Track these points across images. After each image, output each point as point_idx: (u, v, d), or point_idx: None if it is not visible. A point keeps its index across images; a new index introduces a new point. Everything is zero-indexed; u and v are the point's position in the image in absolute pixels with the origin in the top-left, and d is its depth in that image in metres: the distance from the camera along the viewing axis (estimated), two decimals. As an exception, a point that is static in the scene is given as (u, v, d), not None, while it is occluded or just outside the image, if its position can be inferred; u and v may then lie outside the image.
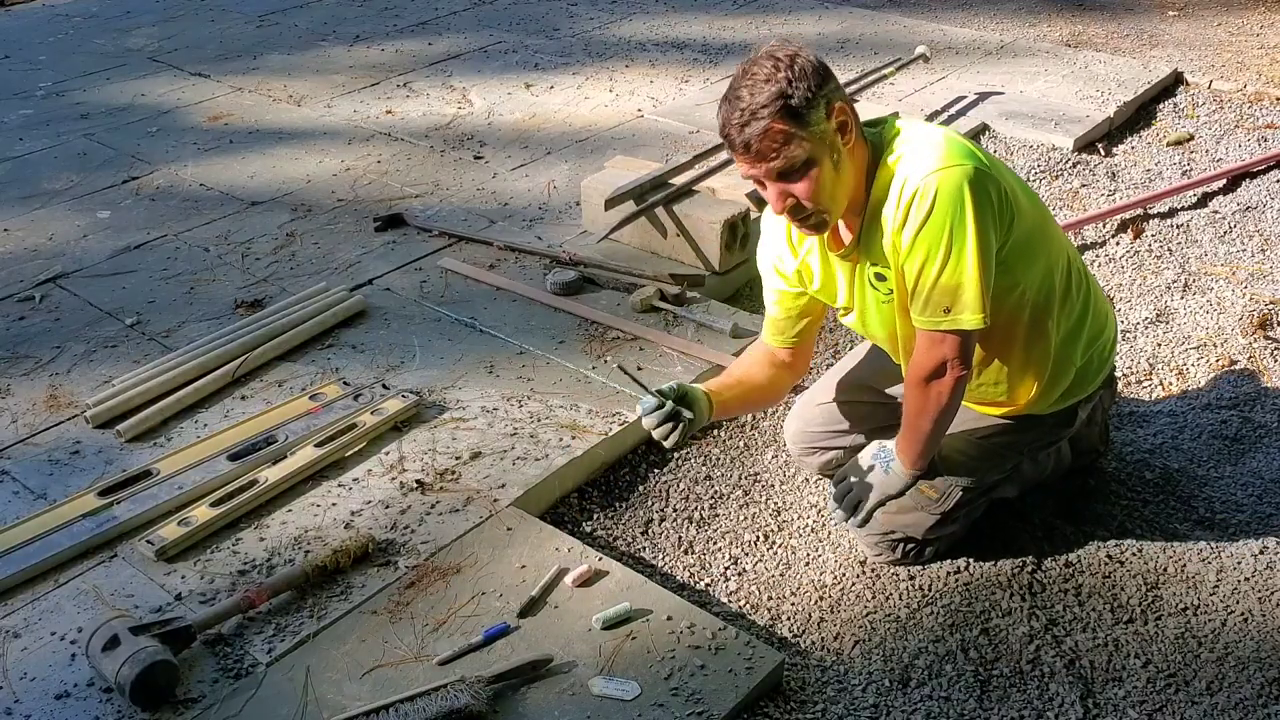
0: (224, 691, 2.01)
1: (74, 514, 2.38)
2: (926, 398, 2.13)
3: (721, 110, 1.98)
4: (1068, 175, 4.09)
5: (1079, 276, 2.24)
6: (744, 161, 1.99)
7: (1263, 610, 2.30)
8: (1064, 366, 2.24)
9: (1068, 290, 2.20)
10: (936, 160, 1.96)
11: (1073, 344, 2.24)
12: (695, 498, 2.62)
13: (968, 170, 1.94)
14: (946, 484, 2.28)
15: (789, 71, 1.91)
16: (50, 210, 3.81)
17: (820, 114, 1.94)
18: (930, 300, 2.01)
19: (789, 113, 1.92)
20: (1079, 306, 2.24)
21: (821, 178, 1.98)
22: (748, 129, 1.93)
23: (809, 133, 1.94)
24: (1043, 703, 2.09)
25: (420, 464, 2.58)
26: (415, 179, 4.01)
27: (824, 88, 1.94)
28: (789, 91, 1.91)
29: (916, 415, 2.17)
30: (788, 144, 1.94)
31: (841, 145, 1.98)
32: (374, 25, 5.66)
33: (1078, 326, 2.24)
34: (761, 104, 1.91)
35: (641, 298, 3.11)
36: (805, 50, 1.96)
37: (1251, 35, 5.54)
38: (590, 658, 2.06)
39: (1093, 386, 2.32)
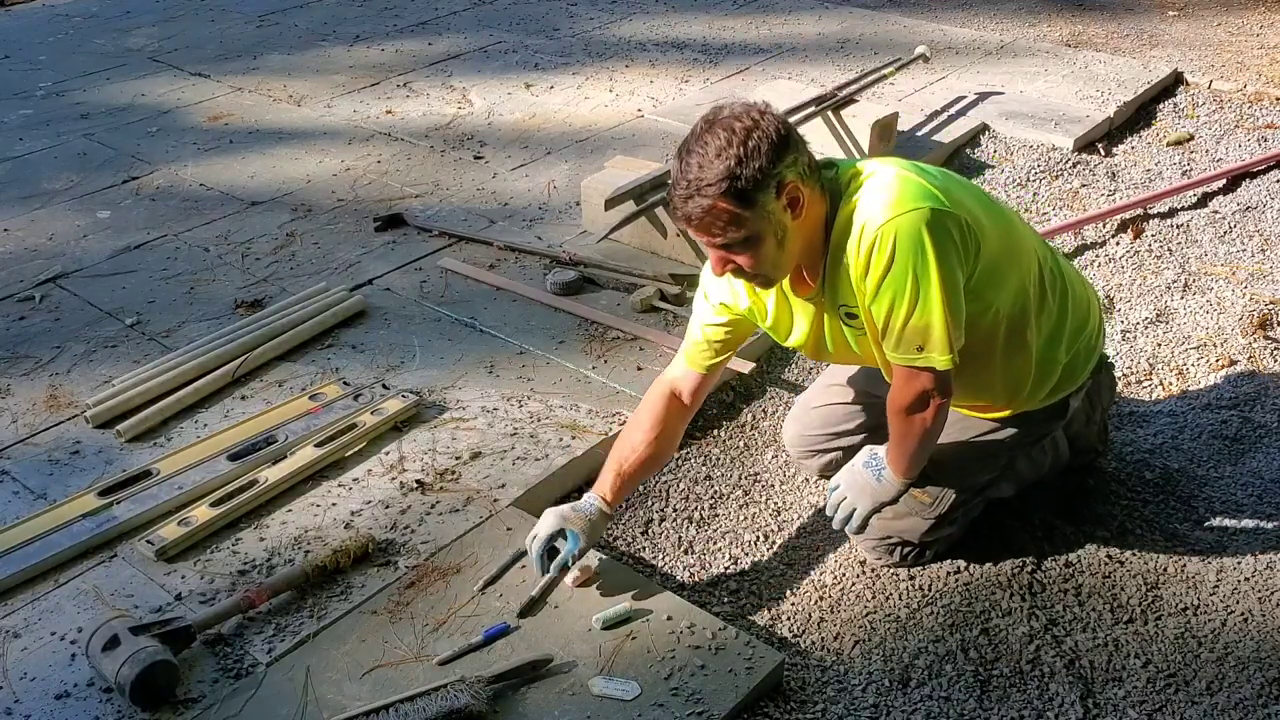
0: (224, 691, 2.01)
1: (74, 514, 2.38)
2: (910, 425, 2.12)
3: (673, 166, 1.92)
4: (1068, 175, 4.09)
5: (1052, 277, 2.21)
6: (684, 227, 1.96)
7: (1263, 610, 2.30)
8: (1050, 366, 2.23)
9: (1043, 296, 2.17)
10: (892, 206, 1.91)
11: (1055, 343, 2.22)
12: (695, 498, 2.62)
13: (924, 214, 1.90)
14: (939, 489, 2.29)
15: (741, 149, 1.83)
16: (50, 210, 3.81)
17: (769, 194, 1.87)
18: (902, 340, 2.00)
19: (734, 194, 1.85)
20: (1056, 306, 2.21)
21: (763, 252, 1.94)
22: (691, 203, 1.88)
23: (754, 213, 1.88)
24: (1043, 703, 2.09)
25: (420, 464, 2.58)
26: (415, 179, 4.01)
27: (777, 165, 1.86)
28: (737, 172, 1.83)
29: (902, 438, 2.17)
30: (730, 224, 1.89)
31: (789, 221, 1.92)
32: (374, 25, 5.66)
33: (1058, 326, 2.22)
34: (707, 181, 1.84)
35: (641, 298, 3.11)
36: (767, 119, 1.88)
37: (1251, 35, 5.54)
38: (590, 658, 2.06)
39: (1083, 376, 2.30)
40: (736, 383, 2.97)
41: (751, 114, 1.87)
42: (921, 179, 1.97)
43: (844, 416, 2.52)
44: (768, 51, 5.20)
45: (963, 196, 2.02)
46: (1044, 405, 2.28)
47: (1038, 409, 2.28)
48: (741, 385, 2.98)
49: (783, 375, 3.03)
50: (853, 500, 2.29)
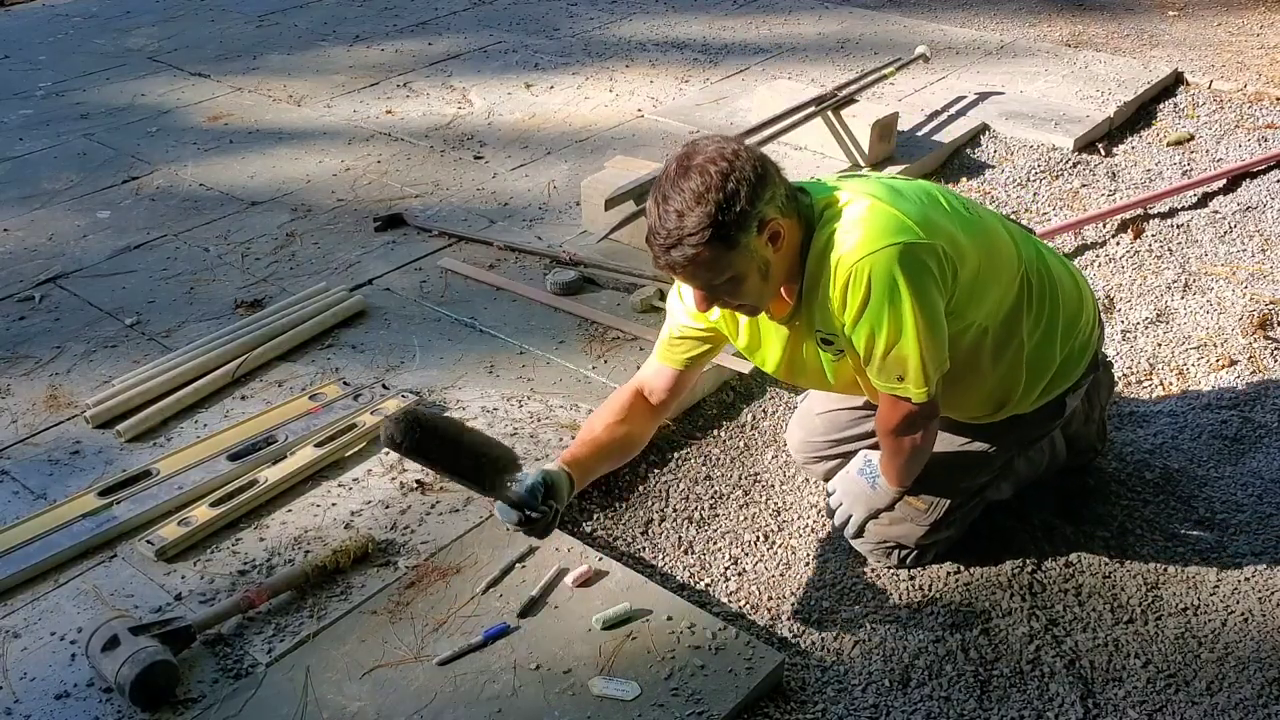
0: (224, 691, 2.01)
1: (74, 514, 2.38)
2: (899, 445, 2.14)
3: (649, 208, 1.88)
4: (1068, 175, 4.09)
5: (1040, 279, 2.18)
6: (667, 274, 1.94)
7: (1263, 610, 2.30)
8: (1042, 367, 2.21)
9: (1028, 302, 2.15)
10: (865, 243, 1.89)
11: (1047, 346, 2.20)
12: (695, 498, 2.62)
13: (897, 250, 1.88)
14: (934, 496, 2.29)
15: (721, 193, 1.79)
16: (50, 210, 3.81)
17: (751, 233, 1.85)
18: (883, 369, 1.99)
19: (718, 240, 1.82)
20: (1046, 310, 2.19)
21: (747, 287, 1.93)
22: (674, 252, 1.84)
23: (736, 254, 1.86)
24: (1043, 703, 2.09)
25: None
26: (415, 179, 4.01)
27: (758, 202, 1.83)
28: (719, 218, 1.80)
29: (893, 455, 2.18)
30: (715, 268, 1.87)
31: (771, 255, 1.90)
32: (374, 25, 5.66)
33: (1049, 329, 2.20)
34: (689, 231, 1.81)
35: (641, 298, 3.11)
36: (742, 158, 1.83)
37: (1251, 35, 5.54)
38: (590, 658, 2.06)
39: (1078, 373, 2.28)
40: (737, 383, 2.97)
41: (725, 154, 1.83)
42: (896, 209, 1.94)
43: (849, 422, 2.51)
44: (768, 51, 5.20)
45: (939, 219, 1.98)
46: (1039, 405, 2.26)
47: (1032, 410, 2.26)
48: (741, 385, 2.98)
49: (783, 375, 3.03)
50: (848, 506, 2.31)
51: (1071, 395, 2.30)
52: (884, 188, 2.01)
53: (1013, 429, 2.28)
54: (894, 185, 2.04)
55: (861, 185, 2.02)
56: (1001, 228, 2.16)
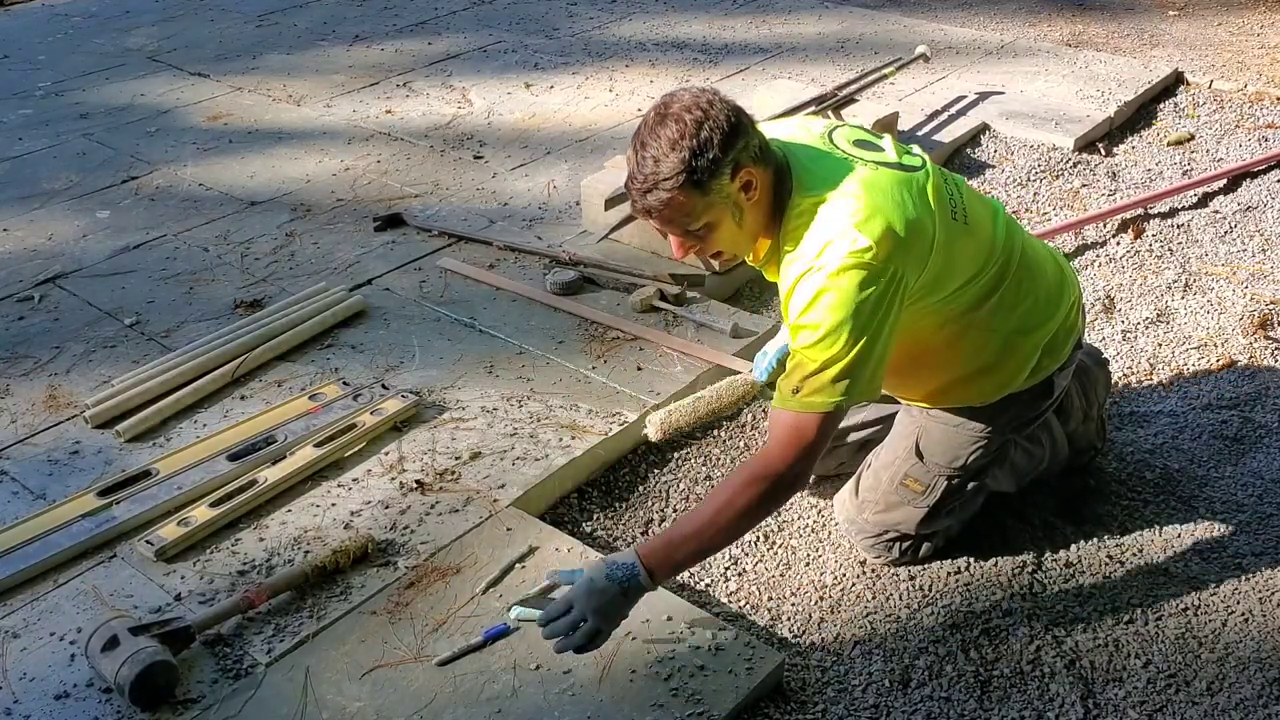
0: (223, 691, 2.01)
1: (73, 514, 2.38)
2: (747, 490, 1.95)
3: (629, 156, 1.94)
4: (1068, 175, 4.09)
5: (1021, 261, 2.17)
6: (644, 219, 1.98)
7: (1263, 610, 2.30)
8: (1029, 348, 2.20)
9: (995, 291, 2.13)
10: (830, 258, 1.89)
11: (1029, 326, 2.19)
12: (695, 498, 2.62)
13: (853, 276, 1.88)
14: (930, 476, 2.28)
15: (693, 140, 1.85)
16: (50, 210, 3.81)
17: (724, 180, 1.90)
18: (787, 377, 1.96)
19: (691, 184, 1.88)
20: (1025, 293, 2.18)
21: (721, 234, 1.98)
22: (649, 196, 1.91)
23: (710, 199, 1.91)
24: (1043, 703, 2.09)
25: (420, 464, 2.57)
26: (415, 179, 4.00)
27: (730, 151, 1.88)
28: (692, 165, 1.86)
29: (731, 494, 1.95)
30: (689, 213, 1.92)
31: (745, 202, 1.95)
32: (374, 25, 5.66)
33: (1030, 309, 2.19)
34: (664, 176, 1.87)
35: (641, 298, 3.11)
36: (717, 107, 1.89)
37: (1252, 35, 5.54)
38: (590, 658, 2.06)
39: (1064, 354, 2.27)
40: (736, 383, 2.97)
41: (700, 104, 1.89)
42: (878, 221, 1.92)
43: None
44: (768, 51, 5.20)
45: (922, 216, 1.97)
46: (1029, 386, 2.25)
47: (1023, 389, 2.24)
48: (741, 385, 2.97)
49: (783, 375, 3.03)
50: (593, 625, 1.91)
51: (1060, 375, 2.29)
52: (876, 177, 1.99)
53: (1005, 409, 2.26)
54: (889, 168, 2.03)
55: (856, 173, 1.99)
56: (980, 213, 2.15)
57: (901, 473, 2.30)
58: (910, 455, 2.29)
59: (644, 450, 2.75)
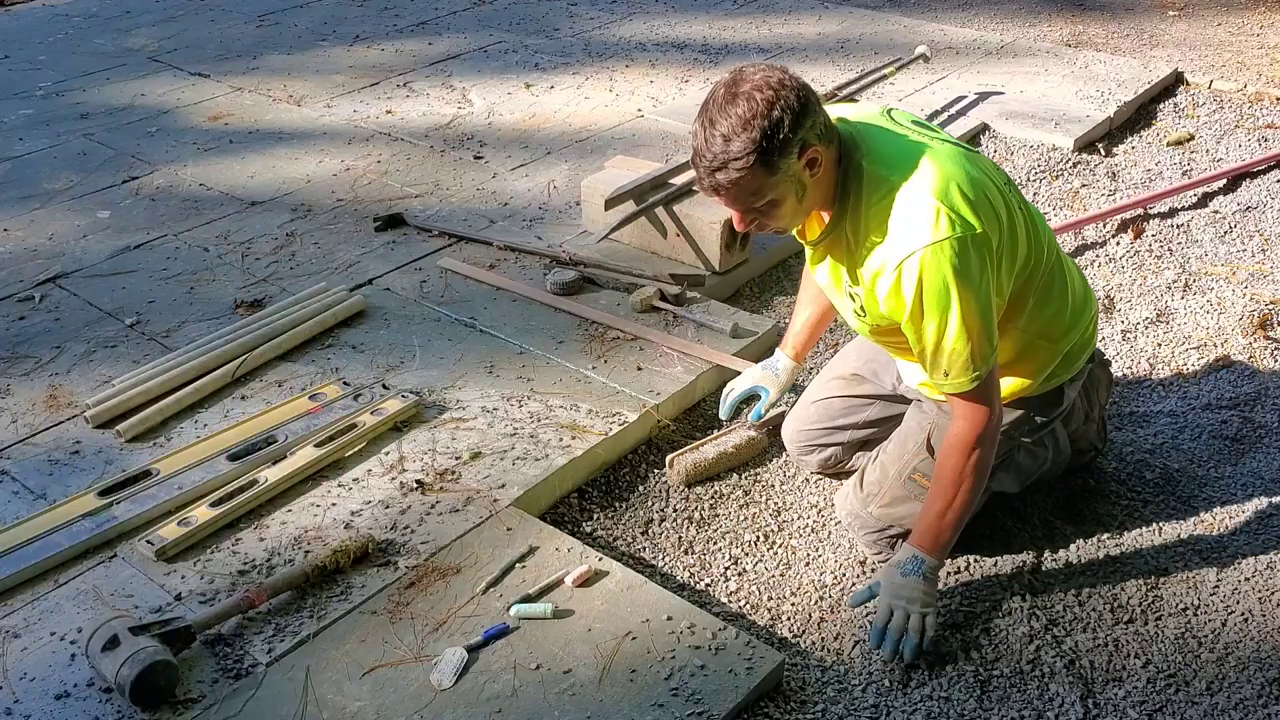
0: (224, 691, 2.01)
1: (74, 514, 2.38)
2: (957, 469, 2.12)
3: (696, 131, 1.94)
4: (1068, 175, 4.09)
5: (1055, 265, 2.23)
6: (710, 195, 2.00)
7: (1263, 610, 2.30)
8: (1049, 354, 2.24)
9: (1033, 286, 2.18)
10: (922, 233, 1.94)
11: (1055, 333, 2.23)
12: (695, 498, 2.62)
13: (953, 245, 1.93)
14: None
15: (766, 120, 1.86)
16: (50, 210, 3.81)
17: (792, 158, 1.91)
18: (935, 364, 2.04)
19: (761, 165, 1.89)
20: (1055, 298, 2.22)
21: (783, 210, 2.00)
22: (719, 175, 1.92)
23: (778, 178, 1.93)
24: (1043, 703, 2.09)
25: (420, 464, 2.57)
26: (415, 179, 4.01)
27: (800, 130, 1.89)
28: (764, 145, 1.87)
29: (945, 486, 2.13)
30: (756, 191, 1.94)
31: (809, 179, 1.97)
32: (374, 25, 5.66)
33: (1056, 315, 2.23)
34: (734, 155, 1.88)
35: (641, 298, 3.11)
36: (788, 85, 1.89)
37: (1251, 35, 5.54)
38: (590, 658, 2.06)
39: (1078, 365, 2.31)
40: (736, 383, 2.97)
41: (771, 82, 1.90)
42: (954, 190, 1.97)
43: (842, 410, 2.53)
44: (768, 51, 5.20)
45: (990, 186, 2.04)
46: (1041, 392, 2.28)
47: (1035, 395, 2.28)
48: (741, 385, 2.98)
49: (783, 375, 3.03)
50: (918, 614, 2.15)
51: (1070, 386, 2.33)
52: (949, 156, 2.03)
53: (1015, 413, 2.28)
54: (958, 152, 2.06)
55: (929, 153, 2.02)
56: (1033, 210, 2.21)
57: (911, 467, 2.30)
58: (921, 450, 2.29)
59: (644, 450, 2.75)
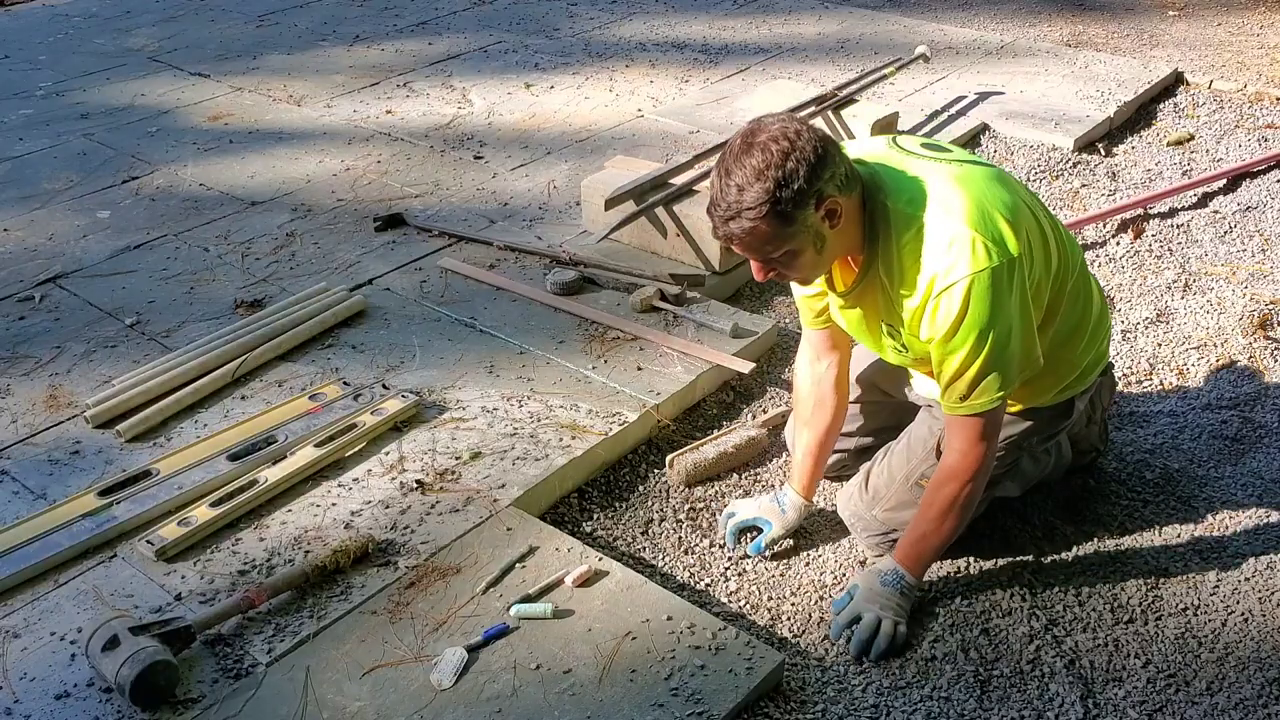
0: (224, 691, 2.01)
1: (74, 514, 2.38)
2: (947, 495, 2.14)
3: (712, 180, 1.95)
4: (1068, 175, 4.09)
5: (1080, 279, 2.23)
6: (725, 244, 2.01)
7: (1263, 610, 2.30)
8: (1065, 366, 2.24)
9: (1059, 297, 2.18)
10: (960, 265, 1.93)
11: (1074, 346, 2.24)
12: (695, 498, 2.62)
13: (991, 274, 1.93)
14: None
15: (779, 172, 1.86)
16: (50, 210, 3.81)
17: (809, 210, 1.91)
18: (952, 389, 2.04)
19: (775, 215, 1.88)
20: (1078, 311, 2.23)
21: (802, 262, 1.99)
22: (731, 224, 1.92)
23: (793, 229, 1.92)
24: (1043, 703, 2.09)
25: (420, 464, 2.57)
26: (415, 179, 4.01)
27: (816, 182, 1.88)
28: (777, 196, 1.86)
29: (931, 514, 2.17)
30: (769, 242, 1.94)
31: (828, 231, 1.96)
32: (374, 25, 5.66)
33: (1077, 328, 2.24)
34: (747, 205, 1.88)
35: (641, 298, 3.11)
36: (804, 138, 1.89)
37: (1252, 35, 5.54)
38: (590, 658, 2.06)
39: (1090, 380, 2.32)
40: (737, 382, 2.97)
41: (788, 134, 1.89)
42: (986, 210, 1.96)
43: (850, 417, 2.52)
44: (768, 51, 5.20)
45: (1015, 201, 2.03)
46: (1053, 403, 2.28)
47: (1045, 406, 2.28)
48: (741, 385, 2.98)
49: (783, 375, 3.03)
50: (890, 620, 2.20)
51: (1081, 398, 2.33)
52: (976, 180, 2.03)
53: (1024, 420, 2.29)
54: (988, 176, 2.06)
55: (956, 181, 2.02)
56: (1051, 220, 2.20)
57: (919, 471, 2.30)
58: (930, 455, 2.29)
59: (644, 450, 2.75)
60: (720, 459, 2.66)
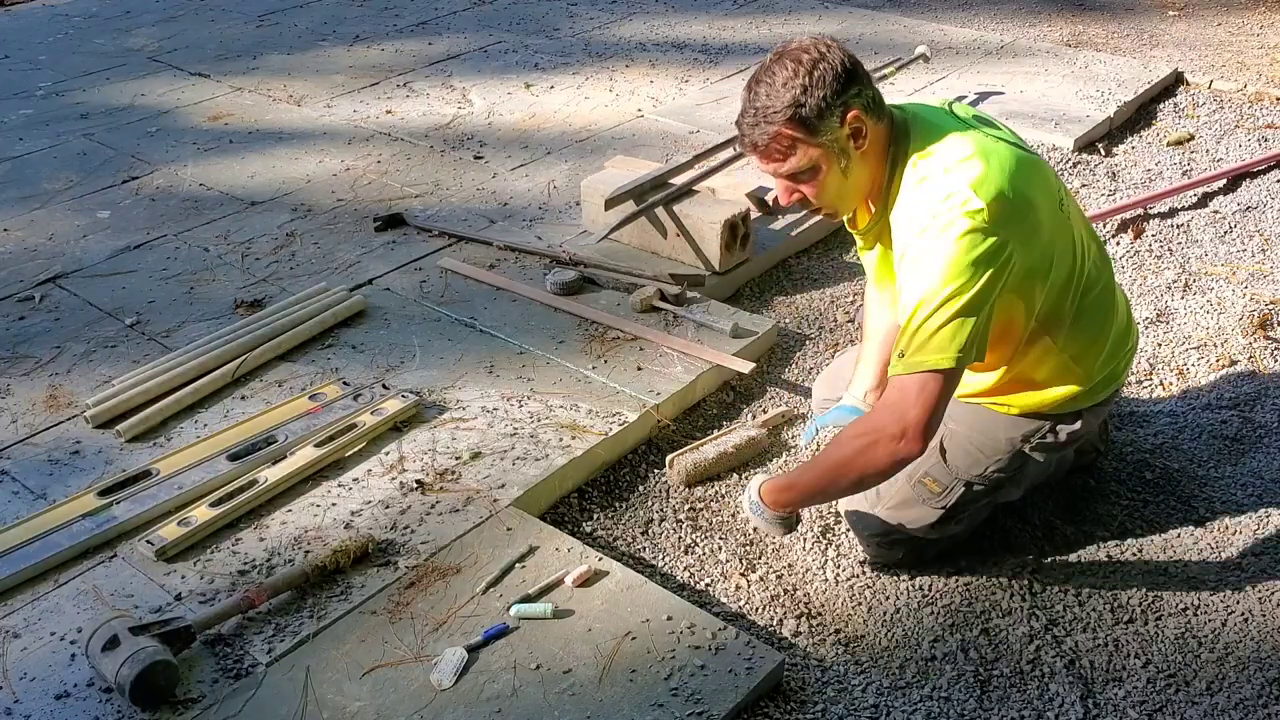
0: (224, 691, 2.01)
1: (74, 514, 2.38)
2: (842, 451, 2.06)
3: (742, 96, 2.00)
4: (1068, 175, 4.09)
5: (1103, 291, 2.21)
6: (751, 155, 2.02)
7: (1263, 610, 2.30)
8: (1077, 380, 2.21)
9: (1079, 306, 2.16)
10: (946, 219, 1.90)
11: (1089, 360, 2.21)
12: (695, 498, 2.62)
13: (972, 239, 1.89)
14: (949, 478, 2.28)
15: (807, 79, 1.90)
16: (50, 210, 3.81)
17: (833, 122, 1.93)
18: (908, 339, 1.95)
19: (799, 121, 1.92)
20: (1097, 324, 2.20)
21: (827, 182, 2.00)
22: (757, 130, 1.95)
23: (818, 140, 1.94)
24: (1043, 703, 2.09)
25: (420, 464, 2.58)
26: (415, 179, 4.01)
27: (843, 95, 1.92)
28: (802, 100, 1.90)
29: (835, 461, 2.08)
30: (794, 150, 1.95)
31: (853, 150, 1.97)
32: (374, 25, 5.66)
33: (1094, 342, 2.21)
34: (774, 109, 1.92)
35: (641, 298, 3.11)
36: (834, 52, 1.93)
37: (1251, 35, 5.54)
38: (590, 658, 2.06)
39: (1103, 395, 2.29)
40: (737, 382, 2.97)
41: (819, 46, 1.93)
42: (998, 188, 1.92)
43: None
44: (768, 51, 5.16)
45: (1034, 194, 1.99)
46: (1058, 412, 2.25)
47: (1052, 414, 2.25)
48: (741, 385, 2.98)
49: (783, 375, 3.03)
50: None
51: (1090, 413, 2.30)
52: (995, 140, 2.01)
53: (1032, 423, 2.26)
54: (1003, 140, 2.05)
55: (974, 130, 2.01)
56: (1084, 225, 2.19)
57: (921, 470, 2.28)
58: (933, 454, 2.27)
59: (644, 450, 2.75)
60: (720, 459, 2.66)
